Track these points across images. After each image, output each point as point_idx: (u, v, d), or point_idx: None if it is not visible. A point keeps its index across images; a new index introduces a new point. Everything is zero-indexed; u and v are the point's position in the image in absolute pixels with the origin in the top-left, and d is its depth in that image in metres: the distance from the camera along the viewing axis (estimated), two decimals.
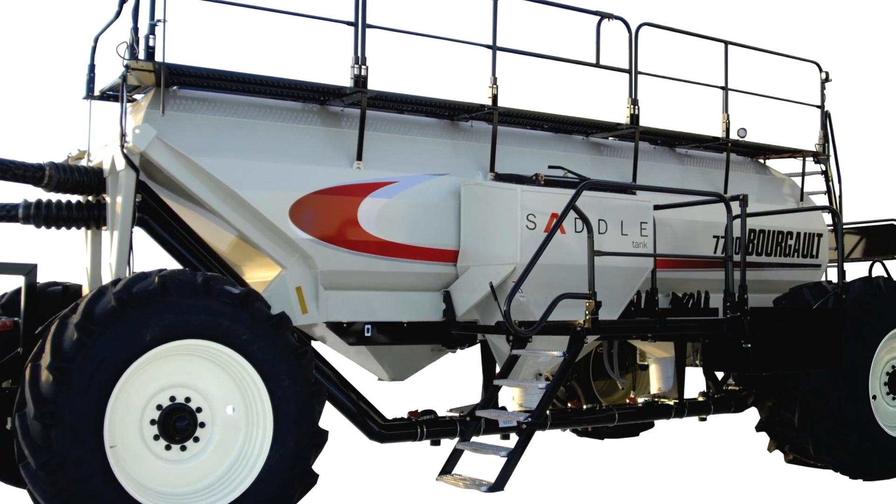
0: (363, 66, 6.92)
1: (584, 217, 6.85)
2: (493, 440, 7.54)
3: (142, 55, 6.27)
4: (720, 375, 9.16)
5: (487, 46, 7.48)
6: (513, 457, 6.51)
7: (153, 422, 5.84)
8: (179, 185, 6.56)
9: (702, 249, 8.68)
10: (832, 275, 9.68)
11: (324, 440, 6.23)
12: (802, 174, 9.88)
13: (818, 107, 9.80)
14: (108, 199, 6.79)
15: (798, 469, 8.95)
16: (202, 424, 6.00)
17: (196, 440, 5.97)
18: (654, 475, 8.92)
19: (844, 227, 9.95)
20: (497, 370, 7.81)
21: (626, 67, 8.31)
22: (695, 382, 9.11)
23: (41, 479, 5.30)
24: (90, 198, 6.99)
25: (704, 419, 9.02)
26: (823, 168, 9.95)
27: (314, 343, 7.29)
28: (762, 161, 9.97)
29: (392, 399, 8.17)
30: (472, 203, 7.31)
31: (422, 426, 7.31)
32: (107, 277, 6.74)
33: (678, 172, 8.99)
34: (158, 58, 6.23)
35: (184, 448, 5.92)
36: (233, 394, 6.09)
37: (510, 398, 8.05)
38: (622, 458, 9.74)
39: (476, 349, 8.17)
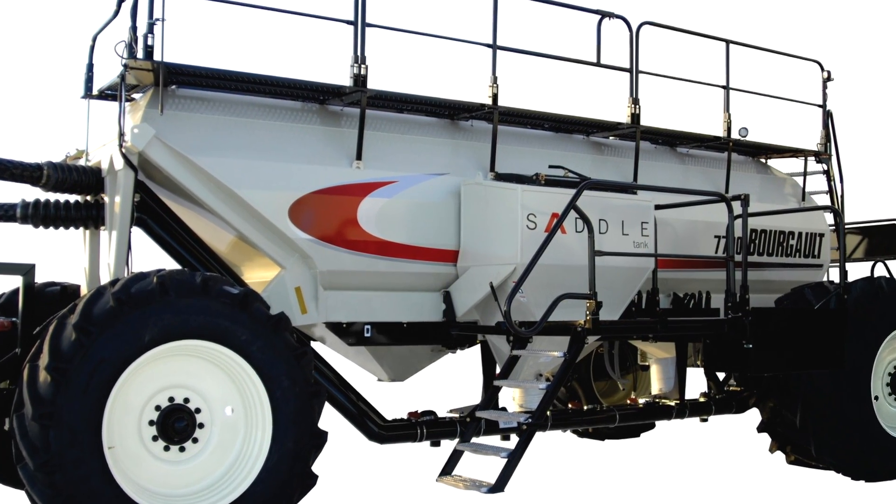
0: (363, 66, 6.91)
1: (585, 217, 6.83)
2: (494, 441, 7.52)
3: (140, 54, 6.26)
4: (721, 376, 9.14)
5: (488, 45, 7.47)
6: (513, 458, 6.49)
7: (152, 423, 5.83)
8: (178, 185, 6.54)
9: (703, 249, 8.66)
10: (834, 275, 9.68)
11: (323, 441, 6.21)
12: (804, 174, 9.86)
13: (820, 106, 9.78)
14: (107, 199, 6.79)
15: (800, 470, 8.92)
16: (201, 425, 5.99)
17: (195, 441, 5.96)
18: (656, 476, 8.89)
19: (846, 227, 9.92)
20: (497, 371, 7.79)
21: (627, 66, 8.29)
22: (696, 383, 9.09)
23: (39, 480, 5.29)
24: (88, 197, 6.97)
25: (705, 420, 9.01)
26: (825, 167, 9.93)
27: (313, 343, 7.28)
28: (764, 161, 9.94)
29: (392, 400, 8.15)
30: (473, 203, 7.29)
31: (422, 427, 7.30)
32: (105, 277, 6.73)
33: (679, 172, 8.97)
34: (157, 57, 6.23)
35: (182, 449, 5.91)
36: (232, 394, 6.08)
37: (510, 399, 8.04)
38: (623, 459, 9.71)
39: (476, 350, 8.16)
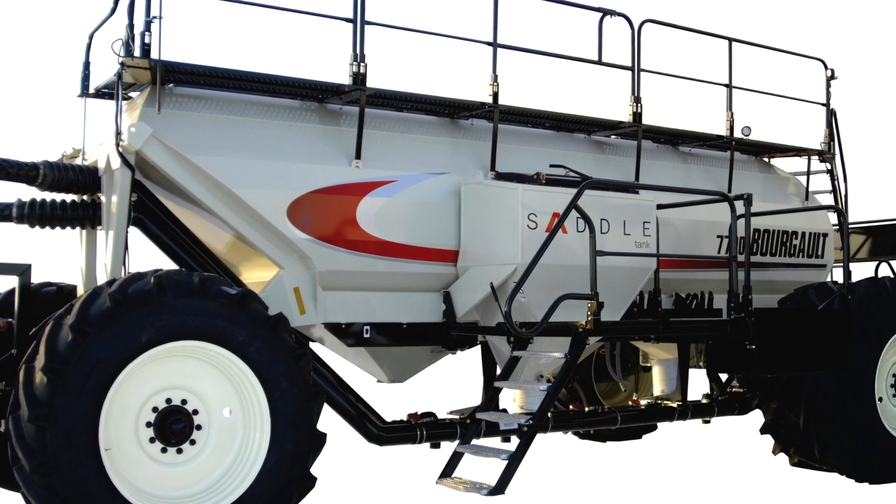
0: (362, 64, 6.87)
1: (586, 216, 6.80)
2: (494, 443, 7.51)
3: (137, 52, 6.24)
4: (724, 377, 9.12)
5: (488, 43, 7.43)
6: (514, 460, 6.45)
7: (149, 424, 5.80)
8: (175, 184, 6.51)
9: (705, 249, 8.62)
10: (838, 275, 9.63)
11: (322, 443, 6.18)
12: (808, 173, 9.82)
13: (824, 105, 9.74)
14: (104, 199, 6.76)
15: (803, 472, 8.90)
16: (198, 427, 5.97)
17: (192, 443, 5.94)
18: (657, 478, 8.87)
19: (850, 227, 9.90)
20: (498, 372, 7.76)
21: (629, 65, 8.26)
22: (698, 384, 9.06)
23: (35, 483, 5.27)
24: (85, 197, 6.94)
25: (708, 421, 8.99)
26: (829, 167, 9.89)
27: (312, 344, 7.27)
28: (767, 160, 9.90)
29: (391, 401, 8.14)
30: (473, 202, 7.25)
31: (421, 428, 7.28)
32: (102, 278, 6.71)
33: (681, 171, 8.94)
34: (154, 55, 6.21)
35: (180, 451, 5.89)
36: (230, 396, 6.06)
37: (511, 400, 8.00)
38: (624, 461, 9.69)
39: (476, 350, 8.13)
